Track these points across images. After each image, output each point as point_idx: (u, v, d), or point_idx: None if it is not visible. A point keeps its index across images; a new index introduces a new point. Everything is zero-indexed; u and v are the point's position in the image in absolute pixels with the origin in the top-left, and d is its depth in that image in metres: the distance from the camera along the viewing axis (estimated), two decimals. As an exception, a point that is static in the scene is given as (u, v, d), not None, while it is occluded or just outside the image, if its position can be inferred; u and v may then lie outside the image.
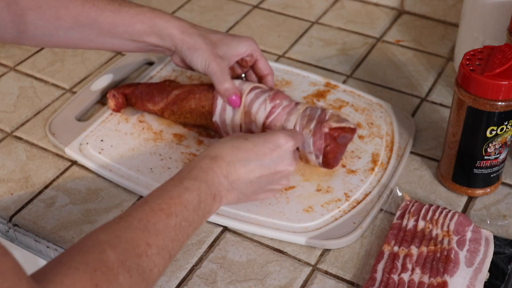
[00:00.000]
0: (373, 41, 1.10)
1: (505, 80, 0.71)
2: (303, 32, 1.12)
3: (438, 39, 1.10)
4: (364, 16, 1.16)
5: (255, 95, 0.83)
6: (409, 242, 0.72)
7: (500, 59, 0.72)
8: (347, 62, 1.05)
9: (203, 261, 0.75)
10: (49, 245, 0.78)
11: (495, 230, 0.76)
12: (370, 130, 0.90)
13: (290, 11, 1.18)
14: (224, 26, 1.14)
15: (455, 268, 0.69)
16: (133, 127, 0.91)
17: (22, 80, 1.03)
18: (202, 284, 0.72)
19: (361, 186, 0.82)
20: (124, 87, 0.92)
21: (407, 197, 0.79)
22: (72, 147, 0.88)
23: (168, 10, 1.19)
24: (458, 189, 0.81)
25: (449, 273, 0.68)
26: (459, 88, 0.74)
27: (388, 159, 0.85)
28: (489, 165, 0.78)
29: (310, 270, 0.73)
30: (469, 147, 0.77)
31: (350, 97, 0.95)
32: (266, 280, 0.72)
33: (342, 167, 0.84)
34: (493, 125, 0.74)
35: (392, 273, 0.69)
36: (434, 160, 0.86)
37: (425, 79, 1.01)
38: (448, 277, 0.68)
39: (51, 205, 0.81)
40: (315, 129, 0.79)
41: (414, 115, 0.94)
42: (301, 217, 0.78)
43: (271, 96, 0.82)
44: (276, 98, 0.82)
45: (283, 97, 0.83)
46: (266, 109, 0.82)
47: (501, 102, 0.72)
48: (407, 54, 1.06)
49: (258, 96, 0.83)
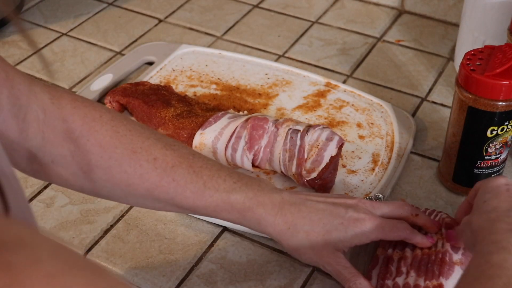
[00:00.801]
0: (373, 41, 1.10)
1: (505, 80, 0.71)
2: (303, 32, 1.12)
3: (438, 39, 1.09)
4: (364, 15, 1.16)
5: (232, 149, 0.81)
6: (403, 245, 0.72)
7: (500, 59, 0.72)
8: (347, 62, 1.05)
9: (203, 261, 0.74)
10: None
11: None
12: (371, 130, 0.89)
13: (290, 11, 1.18)
14: (224, 26, 1.14)
15: (450, 270, 0.68)
16: (133, 127, 0.90)
17: (21, 80, 1.02)
18: (202, 284, 0.72)
19: (361, 186, 0.81)
20: (120, 94, 0.91)
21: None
22: (72, 147, 0.87)
23: (168, 10, 1.18)
24: (459, 189, 0.81)
25: (444, 276, 0.68)
26: (460, 88, 0.74)
27: (388, 159, 0.85)
28: (490, 165, 0.78)
29: (310, 271, 0.73)
30: (469, 147, 0.77)
31: (350, 97, 0.95)
32: (266, 280, 0.72)
33: (342, 167, 0.84)
34: (494, 125, 0.74)
35: (387, 278, 0.69)
36: (434, 160, 0.86)
37: (426, 79, 1.01)
38: (443, 279, 0.67)
39: (51, 205, 0.81)
40: (297, 176, 0.79)
41: (414, 115, 0.94)
42: (301, 217, 0.77)
43: (248, 144, 0.80)
44: (253, 142, 0.80)
45: (259, 135, 0.80)
46: (249, 158, 0.80)
47: (502, 102, 0.72)
48: (407, 54, 1.06)
49: (234, 149, 0.81)
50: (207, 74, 1.00)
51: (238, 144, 0.80)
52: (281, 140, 0.79)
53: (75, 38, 1.12)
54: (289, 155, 0.79)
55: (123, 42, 1.11)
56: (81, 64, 1.06)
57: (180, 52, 1.04)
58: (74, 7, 1.20)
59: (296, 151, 0.78)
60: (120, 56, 1.07)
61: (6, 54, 1.08)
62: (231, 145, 0.81)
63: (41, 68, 1.05)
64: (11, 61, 1.06)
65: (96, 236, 0.77)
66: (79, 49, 1.09)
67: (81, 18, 1.17)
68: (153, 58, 1.04)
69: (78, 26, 1.15)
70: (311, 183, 0.78)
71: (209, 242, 0.76)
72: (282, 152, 0.79)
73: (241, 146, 0.80)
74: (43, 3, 1.21)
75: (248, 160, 0.80)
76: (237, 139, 0.81)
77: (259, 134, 0.80)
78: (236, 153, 0.80)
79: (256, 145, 0.80)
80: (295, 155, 0.78)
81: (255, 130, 0.80)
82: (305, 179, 0.78)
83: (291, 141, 0.79)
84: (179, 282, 0.72)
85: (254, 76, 1.00)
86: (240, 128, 0.81)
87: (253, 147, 0.80)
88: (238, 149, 0.80)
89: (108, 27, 1.15)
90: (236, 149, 0.80)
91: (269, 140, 0.80)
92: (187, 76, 1.00)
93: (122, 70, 1.01)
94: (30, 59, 1.07)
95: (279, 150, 0.79)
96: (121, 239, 0.77)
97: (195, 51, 1.05)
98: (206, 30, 1.13)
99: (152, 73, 1.00)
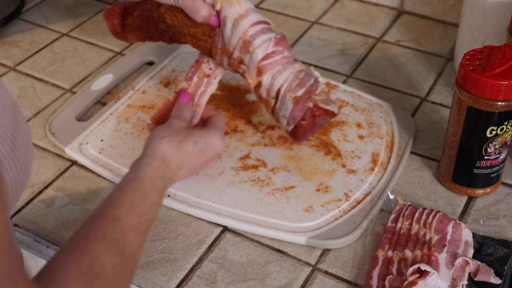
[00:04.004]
0: (373, 41, 1.10)
1: (505, 80, 0.71)
2: (303, 32, 1.12)
3: (438, 39, 1.10)
4: (364, 16, 1.16)
5: (261, 29, 0.79)
6: (403, 246, 0.72)
7: (500, 59, 0.72)
8: (347, 62, 1.05)
9: (203, 261, 0.75)
10: (49, 245, 0.78)
11: (488, 231, 0.76)
12: (370, 130, 0.90)
13: (290, 11, 1.18)
14: (224, 26, 1.14)
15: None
16: (133, 127, 0.91)
17: (22, 80, 1.03)
18: (202, 284, 0.72)
19: (361, 186, 0.82)
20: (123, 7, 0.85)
21: (400, 200, 0.79)
22: (72, 147, 0.88)
23: (168, 10, 1.18)
24: (458, 189, 0.81)
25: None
26: (459, 88, 0.74)
27: (388, 159, 0.85)
28: (489, 165, 0.78)
29: (310, 270, 0.73)
30: (469, 147, 0.77)
31: (350, 97, 0.95)
32: (266, 280, 0.72)
33: (342, 167, 0.84)
34: (493, 125, 0.74)
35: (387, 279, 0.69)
36: (434, 160, 0.86)
37: (425, 79, 1.01)
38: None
39: (51, 205, 0.81)
40: (300, 98, 0.77)
41: (414, 115, 0.94)
42: (301, 217, 0.78)
43: (277, 40, 0.79)
44: (280, 44, 0.79)
45: (286, 46, 0.80)
46: (268, 49, 0.79)
47: (501, 102, 0.72)
48: (407, 54, 1.06)
49: (264, 32, 0.79)
50: (207, 74, 1.00)
51: (267, 32, 0.79)
52: (297, 67, 0.79)
53: (75, 39, 1.12)
54: (298, 82, 0.78)
55: (123, 42, 1.10)
56: (81, 64, 1.06)
57: (180, 52, 1.04)
58: (75, 8, 1.20)
59: (308, 83, 0.78)
60: (121, 56, 1.08)
61: (6, 54, 1.08)
62: (262, 27, 0.79)
63: (42, 68, 1.05)
64: (11, 61, 1.06)
65: (97, 236, 0.77)
66: (80, 49, 1.09)
67: (82, 18, 1.17)
68: (153, 58, 1.04)
69: (78, 26, 1.15)
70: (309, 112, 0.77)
71: (209, 242, 0.77)
72: (293, 76, 0.78)
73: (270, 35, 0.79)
74: (43, 3, 1.21)
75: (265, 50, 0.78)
76: (268, 30, 0.79)
77: (287, 45, 0.80)
78: (262, 35, 0.78)
79: (281, 47, 0.79)
80: (306, 85, 0.78)
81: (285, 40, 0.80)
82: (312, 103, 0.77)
83: (305, 75, 0.79)
84: (179, 282, 0.72)
85: (254, 76, 0.99)
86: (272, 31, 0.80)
87: (278, 46, 0.79)
88: (266, 34, 0.79)
89: (108, 27, 1.15)
90: (265, 32, 0.79)
91: (289, 57, 0.79)
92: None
93: (122, 70, 1.02)
94: (30, 59, 1.07)
95: (290, 71, 0.79)
96: (121, 239, 0.77)
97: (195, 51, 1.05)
98: (206, 30, 1.13)
99: (153, 73, 1.00)
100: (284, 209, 0.79)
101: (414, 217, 0.75)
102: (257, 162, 0.85)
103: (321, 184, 0.82)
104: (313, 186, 0.82)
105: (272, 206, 0.79)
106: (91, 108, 0.96)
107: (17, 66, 1.06)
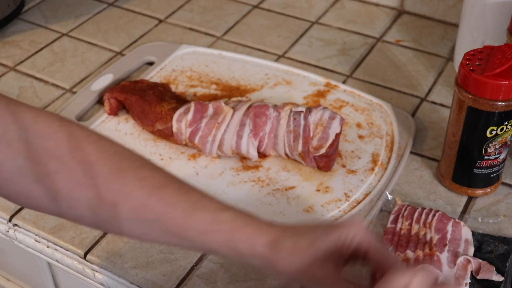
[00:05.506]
0: (373, 41, 1.10)
1: (505, 80, 0.71)
2: (303, 32, 1.12)
3: (438, 39, 1.10)
4: (364, 16, 1.16)
5: (237, 136, 0.82)
6: (404, 247, 0.72)
7: (500, 59, 0.72)
8: (347, 62, 1.05)
9: (203, 261, 0.75)
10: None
11: (487, 229, 0.76)
12: (370, 130, 0.90)
13: (290, 11, 1.18)
14: (224, 26, 1.14)
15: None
16: (133, 127, 0.91)
17: (22, 80, 1.03)
18: (202, 284, 0.72)
19: (361, 186, 0.82)
20: (118, 90, 0.91)
21: (399, 201, 0.79)
22: (72, 147, 0.87)
23: (168, 11, 1.19)
24: (458, 189, 0.81)
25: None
26: (459, 88, 0.74)
27: (388, 159, 0.85)
28: (489, 165, 0.78)
29: (310, 270, 0.73)
30: (469, 147, 0.77)
31: (350, 97, 0.95)
32: (266, 280, 0.72)
33: (342, 167, 0.84)
34: (493, 125, 0.74)
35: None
36: (434, 160, 0.86)
37: (425, 79, 1.01)
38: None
39: (51, 205, 0.81)
40: (303, 154, 0.81)
41: (414, 115, 0.94)
42: (301, 217, 0.78)
43: (253, 132, 0.82)
44: (258, 129, 0.82)
45: (263, 122, 0.82)
46: (254, 145, 0.83)
47: (501, 102, 0.72)
48: (407, 54, 1.06)
49: (240, 136, 0.82)
50: (207, 74, 1.00)
51: (243, 131, 0.82)
52: (284, 122, 0.82)
53: (75, 39, 1.12)
54: (293, 136, 0.81)
55: (123, 42, 1.11)
56: (81, 64, 1.06)
57: (180, 53, 1.04)
58: (75, 8, 1.20)
59: (301, 131, 0.81)
60: (121, 56, 1.08)
61: (6, 54, 1.08)
62: (236, 132, 0.82)
63: (42, 68, 1.05)
64: (11, 61, 1.06)
65: (97, 236, 0.77)
66: (80, 49, 1.09)
67: (82, 19, 1.17)
68: (153, 58, 1.04)
69: (78, 26, 1.15)
70: (318, 160, 0.81)
71: (209, 242, 0.77)
72: (286, 133, 0.82)
73: (246, 132, 0.82)
74: (43, 3, 1.22)
75: (254, 147, 0.82)
76: (241, 127, 0.82)
77: (263, 121, 0.82)
78: (242, 140, 0.82)
79: (261, 132, 0.82)
80: (300, 134, 0.81)
81: (258, 117, 0.82)
82: (313, 155, 0.80)
83: (294, 122, 0.82)
84: (180, 282, 0.72)
85: (254, 77, 1.00)
86: (243, 116, 0.83)
87: (258, 134, 0.82)
88: (243, 137, 0.82)
89: (109, 27, 1.15)
90: (241, 136, 0.82)
91: (272, 126, 0.82)
92: (187, 76, 1.00)
93: (122, 70, 1.02)
94: (30, 59, 1.07)
95: (283, 133, 0.82)
96: (121, 239, 0.77)
97: (195, 51, 1.05)
98: (206, 30, 1.13)
99: (153, 73, 1.00)
100: (284, 209, 0.79)
101: (414, 217, 0.75)
102: (257, 163, 0.85)
103: (321, 184, 0.82)
104: (313, 186, 0.82)
105: (272, 206, 0.79)
106: (91, 108, 0.96)
107: (17, 66, 1.06)
